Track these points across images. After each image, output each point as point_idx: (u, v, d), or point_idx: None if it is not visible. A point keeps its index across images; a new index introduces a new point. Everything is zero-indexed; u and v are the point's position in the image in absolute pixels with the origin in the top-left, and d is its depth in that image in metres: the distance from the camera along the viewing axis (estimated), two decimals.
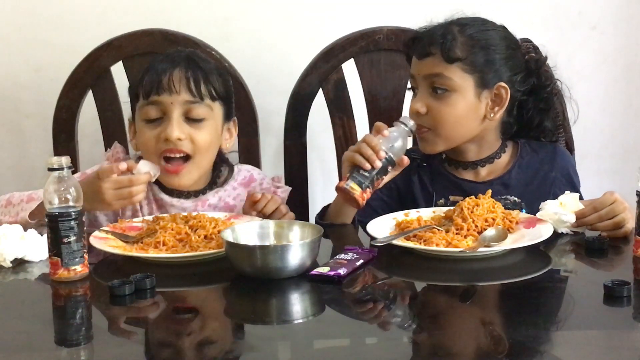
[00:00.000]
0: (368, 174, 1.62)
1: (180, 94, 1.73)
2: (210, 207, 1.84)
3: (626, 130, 2.48)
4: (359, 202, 1.60)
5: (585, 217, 1.60)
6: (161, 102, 1.74)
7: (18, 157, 2.46)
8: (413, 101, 1.79)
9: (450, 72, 1.73)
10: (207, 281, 1.46)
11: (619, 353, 1.14)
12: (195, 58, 1.80)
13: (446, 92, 1.74)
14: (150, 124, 1.76)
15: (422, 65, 1.77)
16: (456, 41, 1.73)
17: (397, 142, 1.67)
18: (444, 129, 1.76)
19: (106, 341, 1.20)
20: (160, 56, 1.82)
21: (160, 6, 2.36)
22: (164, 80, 1.73)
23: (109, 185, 1.63)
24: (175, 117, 1.73)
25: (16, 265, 1.52)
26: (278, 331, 1.25)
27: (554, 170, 1.83)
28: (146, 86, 1.75)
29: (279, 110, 2.21)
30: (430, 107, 1.75)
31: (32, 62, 2.38)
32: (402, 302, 1.37)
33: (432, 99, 1.75)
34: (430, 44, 1.74)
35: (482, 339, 1.18)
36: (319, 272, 1.38)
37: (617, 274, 1.50)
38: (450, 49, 1.72)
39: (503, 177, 1.82)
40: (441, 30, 1.76)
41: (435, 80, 1.74)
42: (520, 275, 1.44)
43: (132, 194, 1.64)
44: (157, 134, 1.75)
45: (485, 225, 1.55)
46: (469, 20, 1.80)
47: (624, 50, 2.44)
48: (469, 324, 1.25)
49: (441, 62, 1.73)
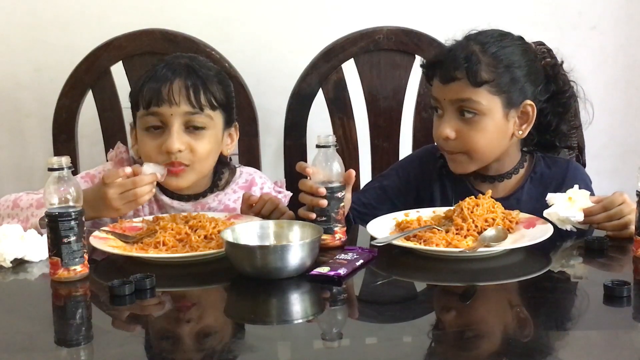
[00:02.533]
0: (325, 218, 1.56)
1: (180, 105, 1.73)
2: (211, 210, 1.84)
3: (626, 130, 2.48)
4: (337, 245, 1.56)
5: (594, 215, 1.59)
6: (161, 113, 1.74)
7: (18, 157, 2.46)
8: (441, 126, 1.74)
9: (478, 96, 1.70)
10: (207, 281, 1.46)
11: (619, 353, 1.14)
12: (196, 66, 1.79)
13: (475, 116, 1.71)
14: (151, 133, 1.76)
15: (447, 90, 1.72)
16: (481, 63, 1.69)
17: (328, 167, 1.56)
18: (476, 152, 1.74)
19: (106, 341, 1.20)
20: (161, 64, 1.80)
21: (160, 6, 2.36)
22: (164, 91, 1.73)
23: (115, 190, 1.63)
24: (175, 128, 1.73)
25: (16, 265, 1.52)
26: (278, 331, 1.25)
27: (564, 186, 1.77)
28: (146, 97, 1.75)
29: (279, 110, 2.21)
30: (460, 132, 1.72)
31: (32, 62, 2.39)
32: (402, 302, 1.37)
33: (461, 123, 1.72)
34: (455, 69, 1.70)
35: (482, 339, 1.18)
36: (319, 272, 1.38)
37: (617, 274, 1.50)
38: (476, 72, 1.69)
39: (516, 193, 1.80)
40: (463, 52, 1.71)
41: (463, 105, 1.71)
42: (520, 275, 1.44)
43: (137, 195, 1.64)
44: (158, 145, 1.74)
45: (485, 225, 1.55)
46: (487, 36, 1.75)
47: (624, 50, 2.44)
48: (469, 324, 1.25)
49: (467, 86, 1.69)
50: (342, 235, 1.58)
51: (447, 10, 2.39)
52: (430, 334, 1.20)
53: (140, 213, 1.82)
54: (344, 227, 1.59)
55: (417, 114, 2.21)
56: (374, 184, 1.92)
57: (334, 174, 1.57)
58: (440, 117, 1.76)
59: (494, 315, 1.29)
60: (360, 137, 2.22)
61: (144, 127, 1.76)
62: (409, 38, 2.17)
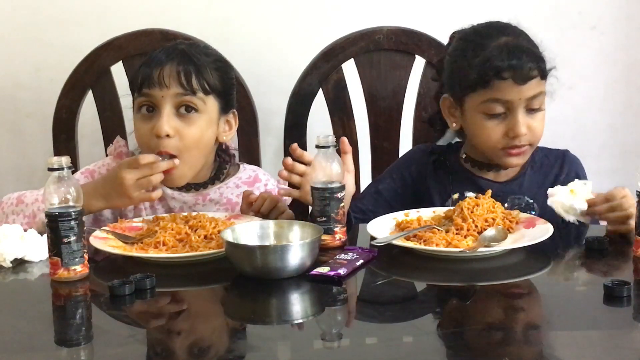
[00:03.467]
0: (325, 218, 1.56)
1: (170, 87, 1.74)
2: (212, 202, 1.84)
3: (626, 130, 2.48)
4: (337, 245, 1.57)
5: (597, 205, 1.60)
6: (152, 95, 1.74)
7: (18, 157, 2.46)
8: (516, 126, 1.73)
9: (543, 87, 1.76)
10: (207, 281, 1.46)
11: (619, 353, 1.14)
12: (192, 51, 1.80)
13: (541, 107, 1.76)
14: (143, 116, 1.77)
15: (524, 90, 1.72)
16: (541, 55, 1.75)
17: (328, 167, 1.56)
18: (538, 141, 1.80)
19: (106, 341, 1.20)
20: (158, 49, 1.82)
21: (160, 6, 2.36)
22: (155, 74, 1.74)
23: (132, 176, 1.65)
24: (166, 111, 1.74)
25: (16, 265, 1.52)
26: (278, 331, 1.25)
27: (563, 173, 1.85)
28: (139, 79, 1.76)
29: (279, 110, 2.21)
30: (529, 126, 1.75)
31: (32, 62, 2.39)
32: (402, 302, 1.37)
33: (528, 118, 1.75)
34: (531, 69, 1.72)
35: (482, 339, 1.18)
36: (319, 272, 1.38)
37: (617, 274, 1.50)
38: (544, 65, 1.74)
39: (518, 179, 1.85)
40: (526, 48, 1.74)
41: (534, 100, 1.74)
42: (520, 275, 1.44)
43: (151, 183, 1.66)
44: (149, 129, 1.75)
45: (485, 225, 1.55)
46: (504, 25, 1.79)
47: (624, 50, 2.44)
48: (469, 324, 1.25)
49: (539, 82, 1.74)
50: (342, 235, 1.58)
51: (447, 10, 2.39)
52: (430, 334, 1.20)
53: (141, 205, 1.82)
54: (344, 227, 1.59)
55: (417, 114, 2.21)
56: (369, 189, 1.94)
57: (334, 174, 1.57)
58: (503, 118, 1.75)
59: (494, 315, 1.29)
60: (360, 137, 2.22)
61: (137, 110, 1.78)
62: (409, 38, 2.17)
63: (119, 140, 1.92)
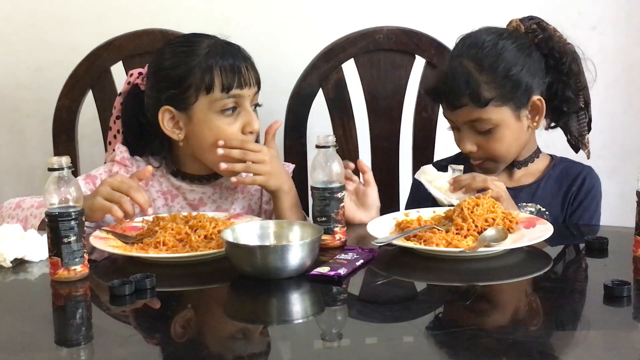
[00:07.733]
0: (325, 218, 1.56)
1: (251, 86, 1.79)
2: (227, 189, 1.87)
3: (626, 130, 2.48)
4: (337, 245, 1.57)
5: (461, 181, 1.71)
6: (241, 95, 1.78)
7: (18, 157, 2.46)
8: (461, 143, 1.83)
9: (487, 114, 1.76)
10: (207, 281, 1.46)
11: (619, 353, 1.14)
12: (238, 47, 1.84)
13: (490, 130, 1.78)
14: (227, 116, 1.78)
15: (457, 115, 1.80)
16: (480, 85, 1.74)
17: (328, 167, 1.57)
18: (500, 157, 1.83)
19: (106, 341, 1.20)
20: (210, 48, 1.78)
21: (160, 6, 2.36)
22: (242, 74, 1.78)
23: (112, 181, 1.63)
24: (250, 108, 1.80)
25: (16, 265, 1.52)
26: (278, 331, 1.25)
27: (575, 185, 1.86)
28: (223, 80, 1.76)
29: (279, 110, 2.21)
30: (480, 144, 1.81)
31: (32, 62, 2.39)
32: (402, 302, 1.37)
33: (479, 137, 1.81)
34: (459, 97, 1.76)
35: (482, 339, 1.18)
36: (319, 272, 1.38)
37: (617, 274, 1.50)
38: (479, 95, 1.74)
39: (532, 186, 1.86)
40: (462, 77, 1.75)
41: (475, 124, 1.79)
42: (520, 275, 1.44)
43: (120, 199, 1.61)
44: (239, 126, 1.78)
45: (485, 225, 1.55)
46: (479, 46, 1.77)
47: (624, 50, 2.44)
48: (469, 324, 1.25)
49: (474, 109, 1.76)
50: (342, 235, 1.58)
51: (447, 10, 2.39)
52: (430, 334, 1.20)
53: (157, 202, 1.83)
54: (344, 227, 1.59)
55: (417, 114, 2.21)
56: None
57: (333, 174, 1.57)
58: (458, 132, 1.83)
59: (494, 315, 1.29)
60: (360, 137, 2.22)
61: (219, 110, 1.77)
62: (409, 38, 2.17)
63: (119, 147, 1.90)
